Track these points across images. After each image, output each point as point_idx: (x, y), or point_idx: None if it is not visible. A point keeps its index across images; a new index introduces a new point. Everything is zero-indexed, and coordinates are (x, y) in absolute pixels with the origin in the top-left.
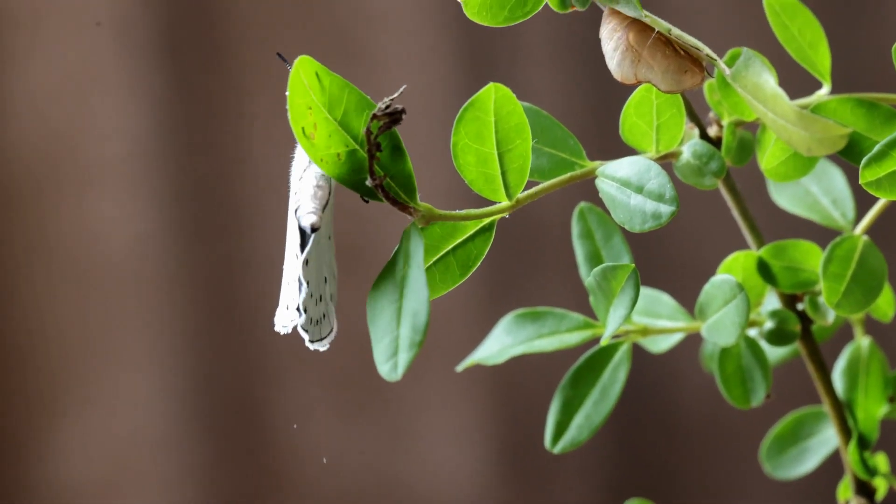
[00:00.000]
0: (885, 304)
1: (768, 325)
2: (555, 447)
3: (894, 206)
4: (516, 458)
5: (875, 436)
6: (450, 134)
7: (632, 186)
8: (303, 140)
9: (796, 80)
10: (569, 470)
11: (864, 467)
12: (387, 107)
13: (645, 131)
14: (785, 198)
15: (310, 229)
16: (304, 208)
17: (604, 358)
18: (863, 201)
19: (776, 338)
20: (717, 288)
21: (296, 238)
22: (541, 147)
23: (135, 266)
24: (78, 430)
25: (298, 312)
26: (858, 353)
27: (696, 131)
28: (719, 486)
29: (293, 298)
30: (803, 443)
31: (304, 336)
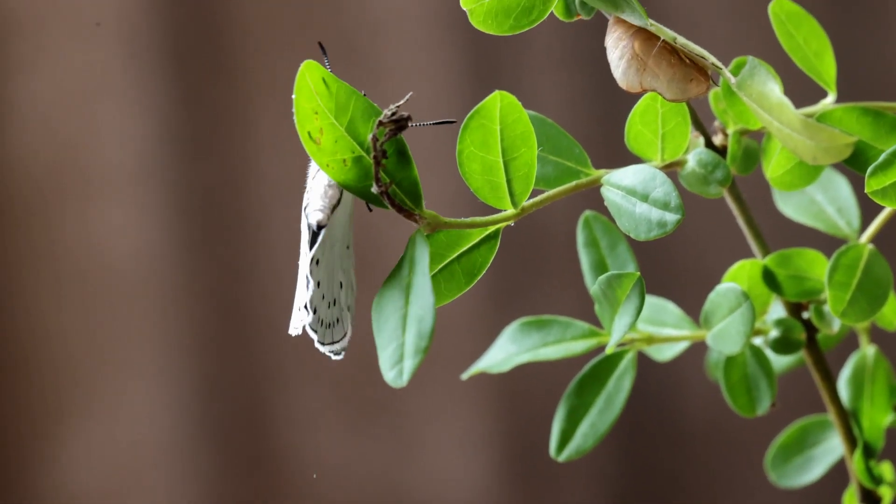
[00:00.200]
0: (891, 313)
1: (773, 333)
2: (560, 455)
3: None
4: (521, 466)
5: (880, 444)
6: (455, 142)
7: (637, 195)
8: (309, 145)
9: (802, 89)
10: (574, 478)
11: (870, 476)
12: (392, 113)
13: (650, 140)
14: (790, 206)
15: (316, 226)
16: (312, 206)
17: (609, 366)
18: (868, 210)
19: (781, 346)
20: (723, 296)
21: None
22: (546, 155)
23: (139, 274)
24: (83, 439)
25: (307, 311)
26: (864, 361)
27: (701, 140)
28: (724, 495)
29: (303, 298)
30: (809, 451)
31: (312, 336)
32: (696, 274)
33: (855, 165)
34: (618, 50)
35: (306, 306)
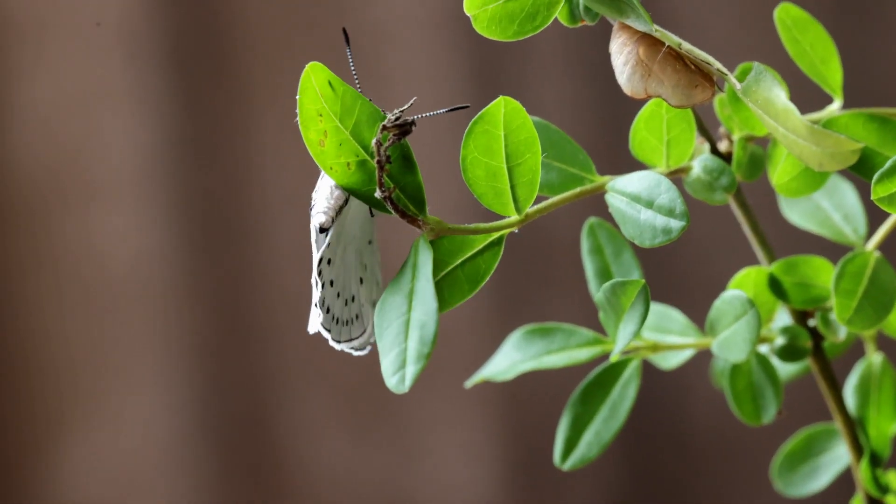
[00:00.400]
0: None
1: (779, 341)
2: (564, 464)
3: None
4: (526, 474)
5: (887, 453)
6: (459, 148)
7: (642, 201)
8: (313, 147)
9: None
10: (578, 486)
11: (876, 485)
12: (396, 118)
13: (655, 146)
14: (796, 213)
15: (319, 228)
16: (316, 207)
17: (613, 374)
18: (875, 217)
19: (787, 354)
20: (728, 304)
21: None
22: (550, 161)
23: (141, 280)
24: (85, 446)
25: (318, 310)
26: (870, 369)
27: (706, 146)
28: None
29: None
30: (815, 460)
31: (325, 335)
32: (702, 281)
33: (861, 172)
34: (622, 55)
35: (316, 304)
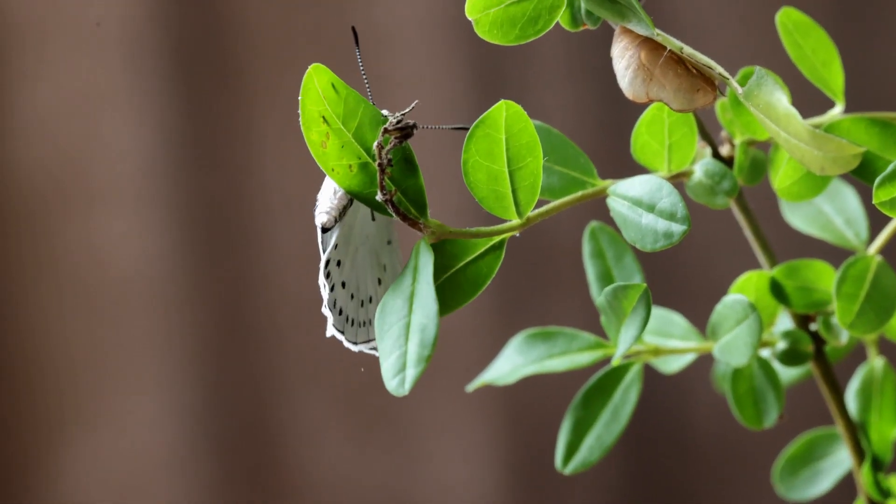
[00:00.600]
0: None
1: (781, 345)
2: (566, 468)
3: None
4: (527, 477)
5: (889, 457)
6: (460, 151)
7: (643, 205)
8: (315, 148)
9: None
10: (580, 490)
11: (878, 489)
12: (398, 121)
13: (657, 150)
14: (798, 217)
15: (321, 228)
16: (319, 207)
17: (615, 378)
18: (876, 221)
19: (789, 358)
20: (730, 308)
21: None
22: (552, 165)
23: (143, 285)
24: (87, 451)
25: (329, 312)
26: (872, 373)
27: (708, 150)
28: None
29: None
30: (816, 464)
31: (339, 337)
32: (703, 285)
33: (863, 176)
34: (624, 60)
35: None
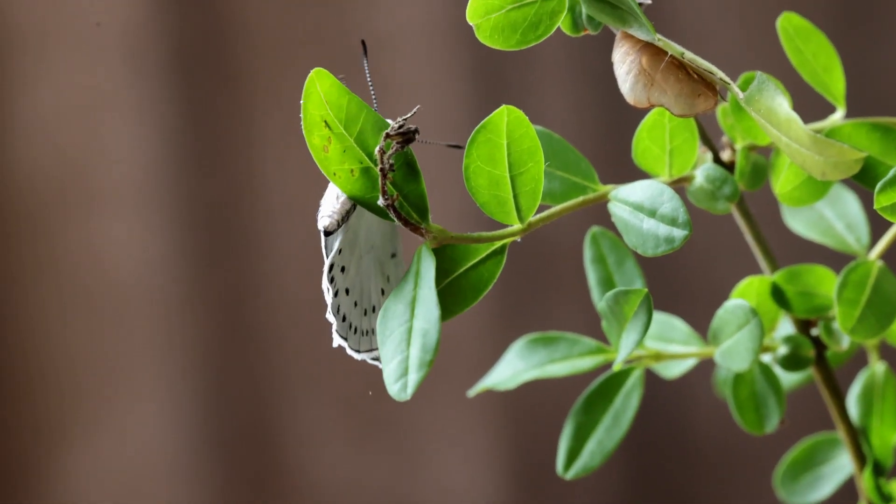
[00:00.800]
0: None
1: (782, 350)
2: (567, 473)
3: None
4: (528, 482)
5: (890, 462)
6: (462, 156)
7: (644, 210)
8: (316, 152)
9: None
10: (581, 495)
11: (880, 494)
12: (400, 126)
13: (658, 155)
14: (799, 222)
15: (323, 232)
16: (322, 211)
17: (616, 383)
18: (877, 226)
19: (790, 363)
20: (731, 313)
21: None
22: (553, 170)
23: (144, 289)
24: (88, 456)
25: (333, 317)
26: (873, 379)
27: (709, 155)
28: None
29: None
30: (818, 469)
31: (342, 344)
32: (704, 290)
33: (864, 181)
34: (625, 65)
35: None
